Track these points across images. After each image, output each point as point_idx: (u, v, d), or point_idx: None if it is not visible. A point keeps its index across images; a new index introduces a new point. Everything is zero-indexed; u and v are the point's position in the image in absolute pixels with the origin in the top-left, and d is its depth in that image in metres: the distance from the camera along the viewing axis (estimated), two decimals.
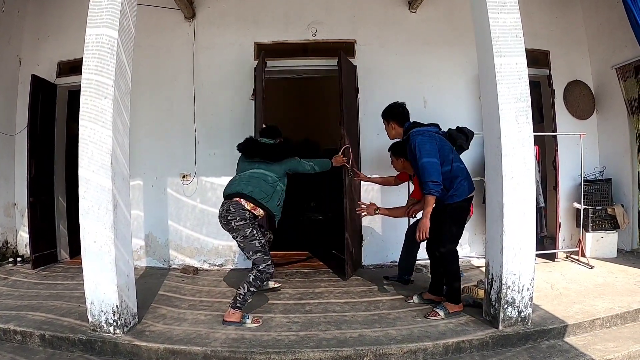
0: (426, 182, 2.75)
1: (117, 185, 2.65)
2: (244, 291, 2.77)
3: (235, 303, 2.80)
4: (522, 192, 2.62)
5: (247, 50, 4.41)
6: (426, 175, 2.75)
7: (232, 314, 2.79)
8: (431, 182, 2.73)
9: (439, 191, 2.75)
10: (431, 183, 2.73)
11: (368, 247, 4.34)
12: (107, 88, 2.62)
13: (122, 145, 2.75)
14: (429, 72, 4.42)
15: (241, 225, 2.78)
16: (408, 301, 3.20)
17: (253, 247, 2.79)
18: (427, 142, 2.83)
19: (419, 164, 2.80)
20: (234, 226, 2.80)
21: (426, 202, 2.78)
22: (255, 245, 2.79)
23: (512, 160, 2.61)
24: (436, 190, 2.74)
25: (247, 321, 2.79)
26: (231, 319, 2.78)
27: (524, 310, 2.69)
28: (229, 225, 2.83)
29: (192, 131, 4.40)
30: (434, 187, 2.73)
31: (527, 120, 2.66)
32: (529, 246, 2.67)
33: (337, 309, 3.10)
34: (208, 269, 4.37)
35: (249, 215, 2.82)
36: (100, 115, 2.61)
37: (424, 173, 2.76)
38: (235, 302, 2.80)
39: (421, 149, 2.80)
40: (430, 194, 2.75)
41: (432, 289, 3.19)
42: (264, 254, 2.80)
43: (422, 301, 3.17)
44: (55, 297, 3.39)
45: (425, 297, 3.19)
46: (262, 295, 3.44)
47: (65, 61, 4.67)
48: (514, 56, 2.67)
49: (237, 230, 2.80)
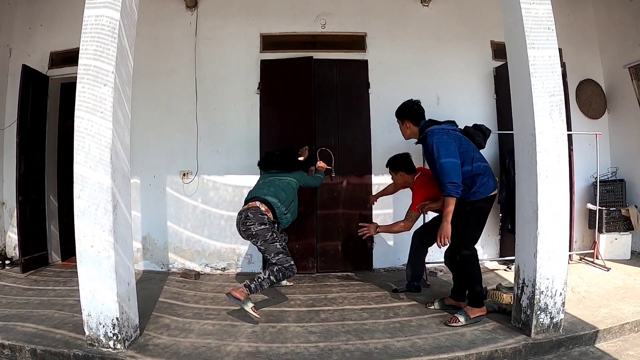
0: (444, 183, 2.59)
1: (117, 183, 2.40)
2: (264, 276, 2.75)
3: (250, 283, 2.72)
4: (556, 192, 2.48)
5: (252, 41, 4.18)
6: (445, 175, 2.59)
7: (240, 291, 2.69)
8: (450, 184, 2.57)
9: (458, 192, 2.59)
10: (450, 184, 2.57)
11: (378, 250, 4.15)
12: (107, 75, 2.36)
13: (123, 139, 2.50)
14: (441, 68, 4.26)
15: (261, 230, 2.83)
16: (428, 307, 3.03)
17: (275, 249, 2.83)
18: (445, 140, 2.68)
19: (437, 164, 2.64)
20: (254, 232, 2.84)
21: (446, 204, 2.61)
22: (277, 247, 2.84)
23: (546, 157, 2.46)
24: (456, 192, 2.58)
25: (249, 304, 2.69)
26: (236, 294, 2.67)
27: (556, 316, 2.55)
28: (249, 231, 2.85)
29: (193, 126, 4.15)
30: (453, 189, 2.57)
31: (560, 116, 2.51)
32: (562, 249, 2.52)
33: (354, 316, 2.90)
34: (210, 273, 4.13)
35: (268, 219, 2.89)
36: (99, 105, 2.35)
37: (443, 173, 2.60)
38: (251, 283, 2.73)
39: (439, 148, 2.64)
40: (450, 195, 2.58)
41: (454, 294, 3.01)
42: (286, 254, 2.85)
43: (443, 307, 3.00)
44: (47, 305, 3.12)
45: (447, 302, 3.02)
46: (272, 301, 3.23)
47: (58, 51, 4.38)
48: (547, 48, 2.53)
49: (257, 235, 2.85)
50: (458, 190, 2.58)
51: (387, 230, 3.20)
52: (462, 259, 2.76)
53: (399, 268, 4.13)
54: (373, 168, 4.12)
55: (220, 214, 4.14)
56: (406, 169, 3.21)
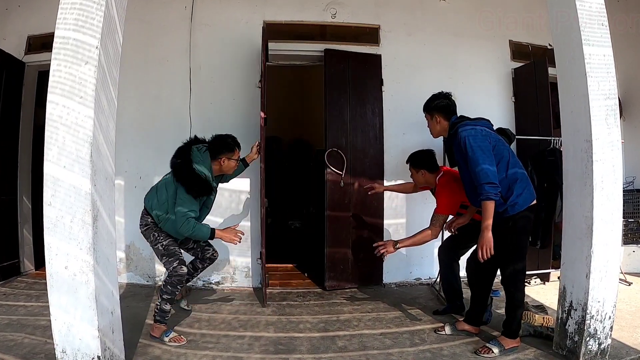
0: (482, 184, 2.24)
1: (99, 188, 1.94)
2: (159, 301, 2.53)
3: (155, 316, 2.54)
4: (611, 205, 2.22)
5: (255, 29, 3.76)
6: (482, 176, 2.24)
7: (156, 328, 2.53)
8: (488, 185, 2.23)
9: (497, 194, 2.25)
10: (488, 185, 2.23)
11: (389, 263, 3.80)
12: (90, 50, 1.90)
13: (107, 132, 2.05)
14: (459, 66, 3.98)
15: (145, 231, 2.62)
16: (438, 332, 2.67)
17: (158, 251, 2.59)
18: (480, 139, 2.34)
19: (473, 165, 2.30)
20: (141, 232, 2.64)
21: (485, 210, 2.26)
22: (159, 249, 2.57)
23: (602, 167, 2.19)
24: (495, 194, 2.24)
25: (165, 339, 2.50)
26: (154, 334, 2.52)
27: (604, 342, 2.29)
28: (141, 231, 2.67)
29: (186, 122, 3.70)
30: (492, 190, 2.23)
31: (615, 122, 2.26)
32: (614, 268, 2.27)
33: (376, 344, 2.54)
34: (202, 287, 3.69)
35: (151, 220, 2.61)
36: (78, 87, 1.89)
37: (480, 174, 2.25)
38: (155, 315, 2.54)
39: (473, 146, 2.31)
40: (490, 198, 2.23)
41: (469, 317, 2.66)
42: (169, 256, 2.53)
43: (455, 332, 2.64)
44: (17, 326, 2.65)
45: (460, 327, 2.66)
46: (278, 324, 2.83)
47: (36, 35, 3.87)
48: (602, 47, 2.30)
49: (144, 236, 2.64)
50: (497, 192, 2.25)
51: (411, 243, 2.75)
52: (508, 278, 2.40)
53: (411, 283, 3.81)
54: (384, 176, 3.79)
55: (215, 220, 3.70)
56: (429, 167, 2.88)
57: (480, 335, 2.62)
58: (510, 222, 2.36)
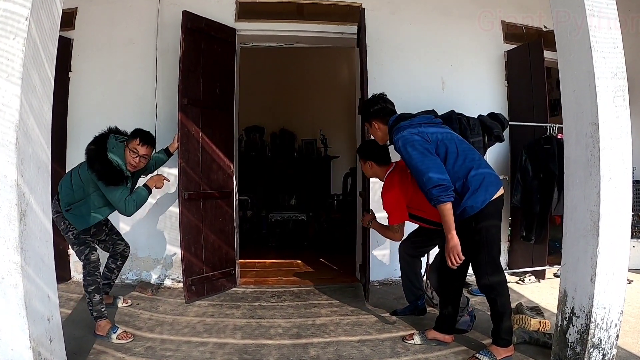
0: (429, 189, 2.01)
1: (28, 178, 1.64)
2: (87, 297, 2.44)
3: (91, 313, 2.45)
4: (620, 199, 1.94)
5: (226, 8, 3.45)
6: (427, 182, 2.02)
7: (99, 326, 2.41)
8: (434, 188, 1.99)
9: (450, 194, 2.01)
10: (435, 189, 1.99)
11: (371, 260, 3.52)
12: (19, 21, 1.60)
13: (40, 115, 1.74)
14: (447, 48, 3.68)
15: (56, 219, 2.46)
16: (406, 341, 2.38)
17: (69, 240, 2.55)
18: (418, 142, 2.09)
19: (412, 171, 2.11)
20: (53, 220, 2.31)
21: (442, 215, 2.02)
22: (70, 238, 2.53)
23: (610, 155, 1.92)
24: (446, 195, 2.00)
25: (113, 335, 2.39)
26: (100, 332, 2.40)
27: (609, 352, 2.03)
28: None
29: (152, 108, 3.41)
30: (442, 192, 1.99)
31: (624, 103, 1.98)
32: (622, 270, 1.99)
33: (354, 353, 2.26)
34: (171, 286, 3.42)
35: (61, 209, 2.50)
36: (4, 63, 1.59)
37: (424, 181, 2.03)
38: (90, 312, 2.44)
39: (410, 153, 2.08)
40: (442, 201, 1.99)
41: (439, 324, 2.36)
42: (79, 244, 2.49)
43: (426, 342, 2.35)
44: None
45: (430, 335, 2.35)
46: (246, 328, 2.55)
47: None
48: (607, 18, 2.02)
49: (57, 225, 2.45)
50: (447, 192, 2.00)
51: (378, 229, 2.63)
52: (487, 288, 2.15)
53: (395, 281, 3.55)
54: None
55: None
56: (377, 159, 2.52)
57: (470, 345, 2.35)
58: (472, 223, 2.09)
